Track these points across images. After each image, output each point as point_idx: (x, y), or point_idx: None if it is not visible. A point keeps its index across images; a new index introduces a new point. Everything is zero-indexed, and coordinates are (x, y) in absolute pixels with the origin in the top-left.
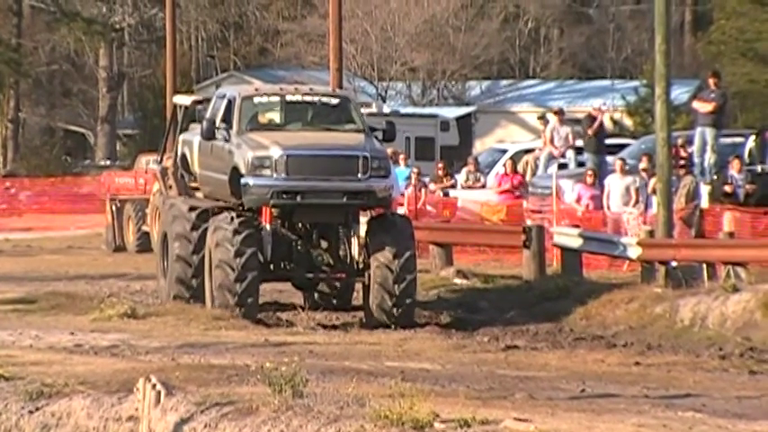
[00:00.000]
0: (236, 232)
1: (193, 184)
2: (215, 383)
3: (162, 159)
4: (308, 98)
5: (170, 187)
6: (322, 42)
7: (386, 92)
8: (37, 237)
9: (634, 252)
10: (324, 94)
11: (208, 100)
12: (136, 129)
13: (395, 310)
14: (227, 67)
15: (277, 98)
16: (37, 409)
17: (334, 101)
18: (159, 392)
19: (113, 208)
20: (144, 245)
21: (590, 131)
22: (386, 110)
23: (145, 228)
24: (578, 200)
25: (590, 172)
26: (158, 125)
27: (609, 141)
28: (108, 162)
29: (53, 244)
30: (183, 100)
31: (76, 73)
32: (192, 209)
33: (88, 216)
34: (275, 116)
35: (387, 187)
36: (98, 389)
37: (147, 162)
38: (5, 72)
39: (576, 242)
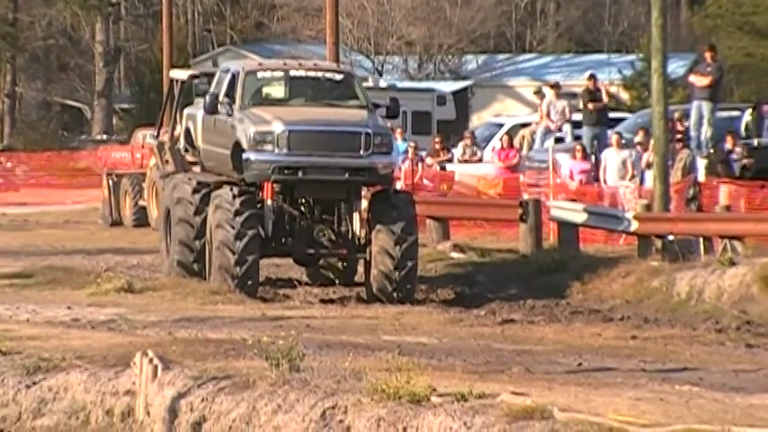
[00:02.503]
0: (237, 213)
1: (191, 159)
2: (212, 358)
3: (159, 134)
4: (311, 74)
5: (167, 162)
6: (318, 16)
7: (382, 66)
8: (34, 211)
9: (631, 226)
10: (327, 70)
11: (205, 74)
12: (132, 103)
13: (395, 294)
14: (223, 42)
15: (281, 73)
16: (34, 383)
17: (338, 77)
18: (156, 367)
19: (110, 182)
20: (141, 219)
21: (591, 106)
22: (382, 84)
23: (142, 202)
24: (571, 175)
25: (578, 147)
26: (155, 100)
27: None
28: (105, 136)
29: (50, 218)
30: (180, 74)
31: (73, 47)
32: (195, 191)
33: (85, 190)
34: (278, 91)
35: (389, 164)
36: (95, 363)
37: (144, 136)
38: (2, 47)
39: (572, 216)
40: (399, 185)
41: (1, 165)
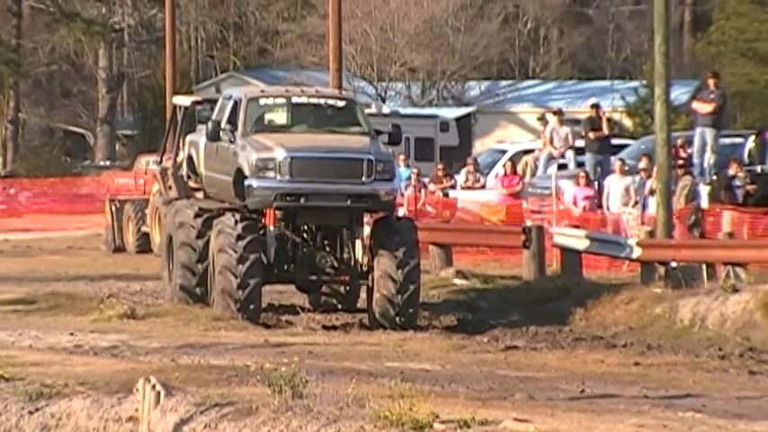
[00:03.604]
0: (239, 237)
1: (193, 185)
2: (215, 384)
3: (162, 160)
4: (313, 100)
5: (170, 188)
6: (321, 43)
7: (385, 92)
8: (36, 237)
9: (634, 252)
10: (330, 97)
11: (207, 101)
12: (135, 129)
13: (397, 319)
14: (226, 68)
15: (283, 100)
16: (37, 409)
17: (340, 103)
18: (159, 393)
19: (113, 208)
20: (143, 245)
21: (591, 135)
22: (385, 110)
23: (144, 228)
24: (574, 201)
25: (582, 173)
26: (158, 126)
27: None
28: (107, 162)
29: (53, 244)
30: (183, 101)
31: (76, 73)
32: (197, 216)
33: (88, 216)
34: (281, 118)
35: (391, 190)
36: (98, 389)
37: (147, 163)
38: (5, 73)
39: (575, 242)
40: (402, 212)
41: (4, 191)
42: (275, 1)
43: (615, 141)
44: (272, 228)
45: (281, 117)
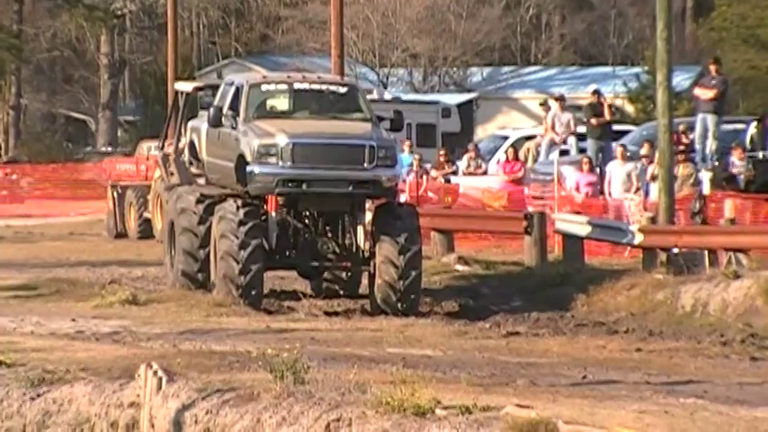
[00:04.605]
0: (241, 223)
1: (195, 171)
2: (216, 370)
3: (163, 146)
4: (315, 86)
5: (171, 174)
6: (323, 29)
7: (387, 78)
8: (38, 223)
9: (636, 238)
10: (332, 83)
11: (209, 86)
12: (137, 115)
13: (399, 304)
14: (228, 54)
15: (285, 86)
16: (38, 395)
17: (342, 89)
18: (161, 379)
19: (115, 194)
20: (145, 231)
21: (594, 121)
22: (387, 96)
23: (146, 214)
24: (577, 187)
25: (585, 159)
26: (159, 112)
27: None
28: (109, 148)
29: (54, 230)
30: (185, 86)
31: (78, 59)
32: (199, 201)
33: (89, 202)
34: (283, 104)
35: (393, 177)
36: (99, 375)
37: (149, 148)
38: (7, 58)
39: (577, 228)
40: (404, 198)
41: (6, 176)
42: None
43: (617, 127)
44: (273, 214)
45: (282, 103)
